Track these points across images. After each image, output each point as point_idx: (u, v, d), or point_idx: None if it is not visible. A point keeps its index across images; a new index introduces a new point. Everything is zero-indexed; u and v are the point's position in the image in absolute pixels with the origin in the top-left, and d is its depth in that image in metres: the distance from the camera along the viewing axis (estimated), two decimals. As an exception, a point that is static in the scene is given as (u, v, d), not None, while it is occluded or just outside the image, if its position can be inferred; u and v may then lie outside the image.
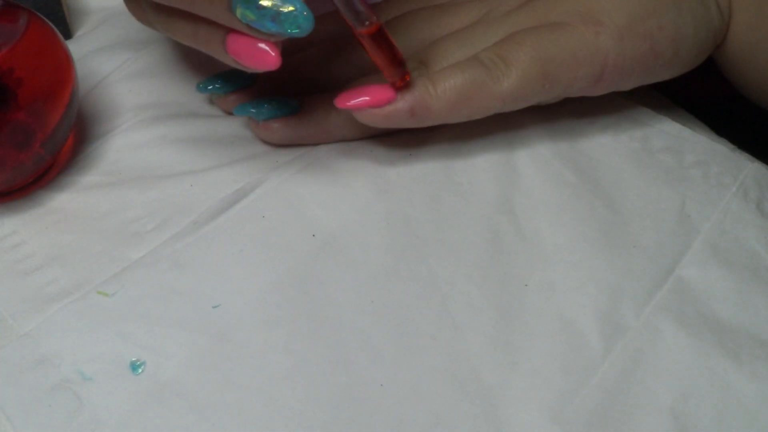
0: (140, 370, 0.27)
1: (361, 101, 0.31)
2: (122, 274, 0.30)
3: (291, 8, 0.26)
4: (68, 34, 0.40)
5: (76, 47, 0.37)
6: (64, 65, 0.32)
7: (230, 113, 0.36)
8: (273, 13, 0.26)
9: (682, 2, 0.32)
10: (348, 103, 0.31)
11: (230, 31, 0.27)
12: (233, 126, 0.36)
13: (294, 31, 0.26)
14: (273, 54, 0.27)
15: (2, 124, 0.29)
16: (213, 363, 0.27)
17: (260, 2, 0.26)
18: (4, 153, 0.30)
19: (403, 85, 0.31)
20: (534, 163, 0.33)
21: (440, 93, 0.31)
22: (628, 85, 0.34)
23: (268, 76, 0.32)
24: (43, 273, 0.30)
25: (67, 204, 0.33)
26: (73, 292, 0.29)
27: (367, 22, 0.29)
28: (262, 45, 0.27)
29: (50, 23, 0.32)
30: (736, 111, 0.37)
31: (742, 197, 0.32)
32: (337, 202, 0.32)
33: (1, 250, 0.31)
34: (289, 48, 0.27)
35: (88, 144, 0.35)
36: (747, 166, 0.33)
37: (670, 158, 0.34)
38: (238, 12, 0.26)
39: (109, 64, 0.38)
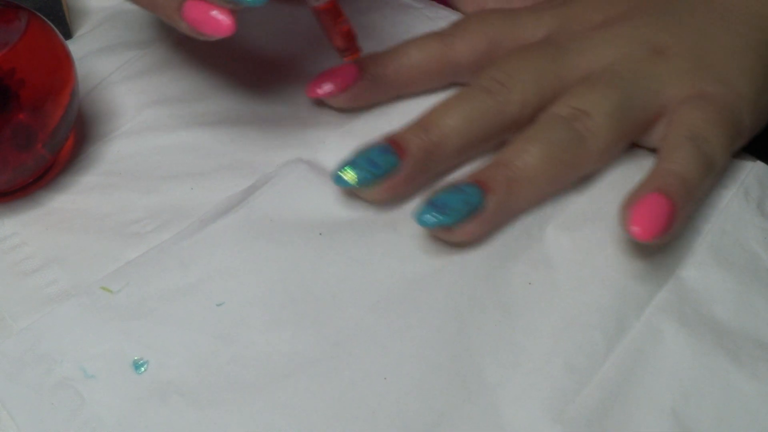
0: (143, 369, 0.27)
1: None
2: (127, 271, 0.30)
3: None
4: (68, 34, 0.40)
5: (76, 47, 0.37)
6: (64, 65, 0.32)
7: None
8: None
9: None
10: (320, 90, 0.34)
11: None
12: (234, 127, 0.35)
13: (248, 2, 0.27)
14: (228, 21, 0.28)
15: (4, 125, 0.29)
16: (216, 362, 0.27)
17: None
18: (6, 153, 0.30)
19: (353, 59, 0.33)
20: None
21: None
22: None
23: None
24: (43, 274, 0.30)
25: (68, 204, 0.33)
26: (73, 293, 0.29)
27: None
28: (217, 12, 0.27)
29: (50, 23, 0.32)
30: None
31: (743, 197, 0.32)
32: (344, 201, 0.32)
33: (1, 251, 0.31)
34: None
35: (88, 144, 0.35)
36: (748, 165, 0.33)
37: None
38: None
39: (109, 64, 0.38)
